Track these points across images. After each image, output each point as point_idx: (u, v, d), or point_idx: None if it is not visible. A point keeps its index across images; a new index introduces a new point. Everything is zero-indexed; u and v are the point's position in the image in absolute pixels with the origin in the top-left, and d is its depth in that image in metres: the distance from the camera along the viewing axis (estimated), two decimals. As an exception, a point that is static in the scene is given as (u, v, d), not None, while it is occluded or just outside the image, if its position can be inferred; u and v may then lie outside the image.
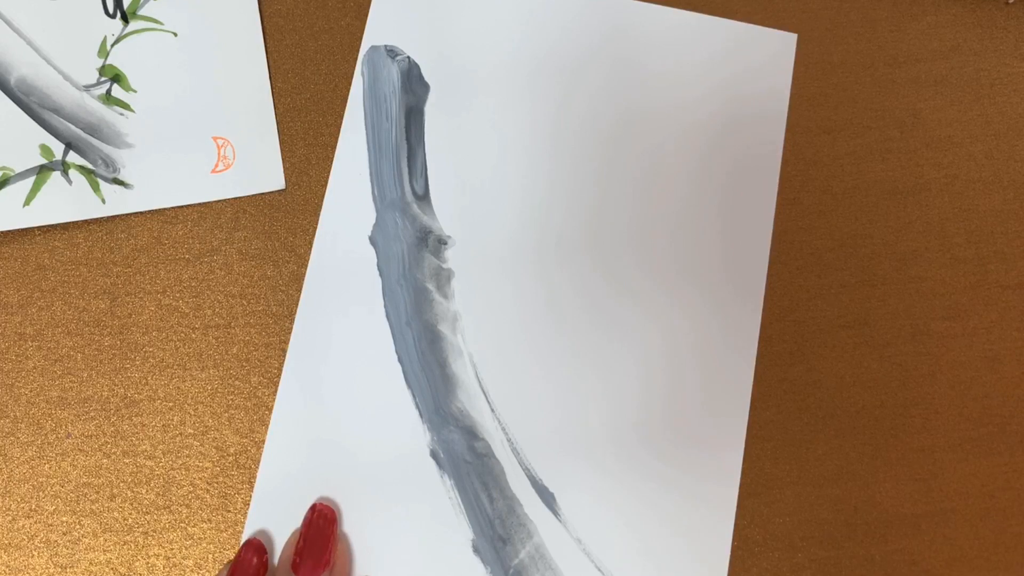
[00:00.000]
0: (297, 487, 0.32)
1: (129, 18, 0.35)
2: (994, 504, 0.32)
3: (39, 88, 0.34)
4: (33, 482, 0.32)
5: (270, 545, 0.32)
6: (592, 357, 0.33)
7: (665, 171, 0.34)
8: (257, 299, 0.34)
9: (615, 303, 0.33)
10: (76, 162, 0.34)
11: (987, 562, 0.32)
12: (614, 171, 0.34)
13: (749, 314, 0.33)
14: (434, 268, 0.33)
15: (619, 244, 0.33)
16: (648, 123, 0.34)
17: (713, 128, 0.34)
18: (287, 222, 0.34)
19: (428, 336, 0.33)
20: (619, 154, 0.34)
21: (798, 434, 0.33)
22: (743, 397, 0.33)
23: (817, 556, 0.32)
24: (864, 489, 0.32)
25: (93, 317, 0.33)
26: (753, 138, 0.34)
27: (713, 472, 0.32)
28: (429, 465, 0.32)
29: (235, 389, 0.33)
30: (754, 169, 0.34)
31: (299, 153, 0.34)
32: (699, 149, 0.34)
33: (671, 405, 0.33)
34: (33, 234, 0.34)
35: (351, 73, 0.35)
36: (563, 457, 0.32)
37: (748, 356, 0.33)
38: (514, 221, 0.34)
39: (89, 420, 0.33)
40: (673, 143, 0.34)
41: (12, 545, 0.32)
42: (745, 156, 0.34)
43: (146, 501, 0.32)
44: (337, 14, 0.35)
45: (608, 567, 0.32)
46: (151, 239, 0.34)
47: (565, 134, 0.34)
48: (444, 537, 0.32)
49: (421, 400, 0.33)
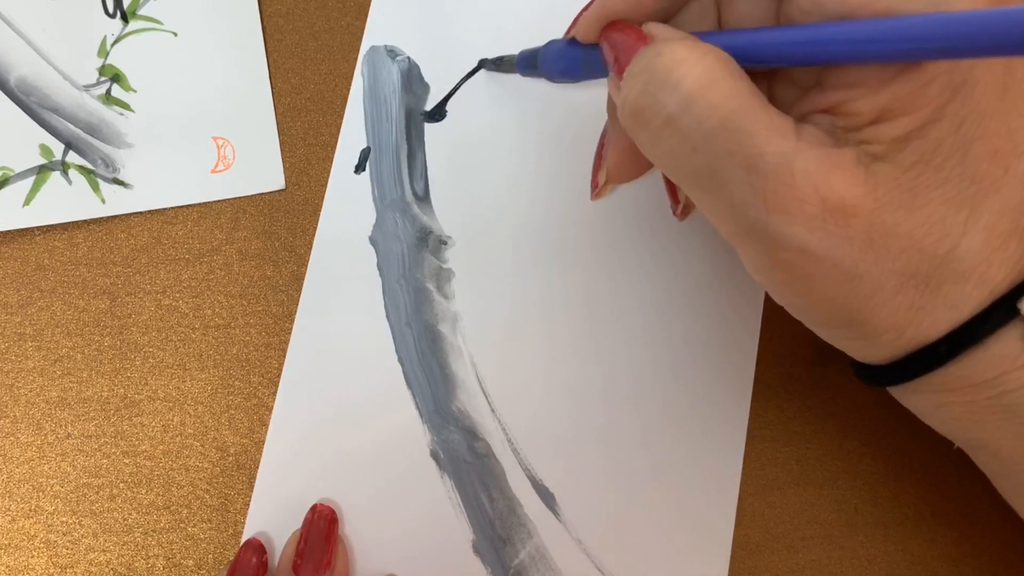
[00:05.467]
0: (297, 487, 0.32)
1: (129, 18, 0.34)
2: (994, 504, 0.32)
3: (39, 88, 0.34)
4: (33, 482, 0.32)
5: (270, 545, 0.32)
6: (592, 357, 0.33)
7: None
8: (257, 299, 0.34)
9: (615, 303, 0.33)
10: (76, 162, 0.34)
11: (988, 562, 0.32)
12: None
13: (749, 314, 0.33)
14: (434, 268, 0.33)
15: (619, 244, 0.33)
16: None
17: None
18: (287, 222, 0.34)
19: (428, 336, 0.33)
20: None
21: (798, 434, 0.33)
22: (743, 397, 0.33)
23: (817, 556, 0.32)
24: (864, 489, 0.32)
25: (93, 317, 0.33)
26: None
27: (713, 472, 0.32)
28: (429, 465, 0.32)
29: (235, 389, 0.33)
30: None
31: (299, 153, 0.34)
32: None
33: (671, 405, 0.33)
34: (33, 234, 0.34)
35: (351, 73, 0.35)
36: (563, 457, 0.32)
37: (748, 356, 0.33)
38: (514, 221, 0.34)
39: (89, 420, 0.33)
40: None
41: (12, 545, 0.32)
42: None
43: (146, 501, 0.32)
44: (337, 14, 0.35)
45: (608, 567, 0.32)
46: (151, 239, 0.34)
47: (565, 133, 0.34)
48: (444, 537, 0.32)
49: (421, 400, 0.33)
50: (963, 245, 0.21)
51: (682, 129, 0.21)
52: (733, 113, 0.21)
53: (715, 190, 0.22)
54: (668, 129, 0.22)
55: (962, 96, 0.21)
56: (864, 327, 0.23)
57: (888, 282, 0.22)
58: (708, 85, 0.21)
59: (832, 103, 0.22)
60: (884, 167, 0.21)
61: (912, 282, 0.22)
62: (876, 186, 0.21)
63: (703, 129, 0.21)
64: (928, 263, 0.21)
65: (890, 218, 0.21)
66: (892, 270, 0.21)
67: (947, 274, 0.22)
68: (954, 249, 0.21)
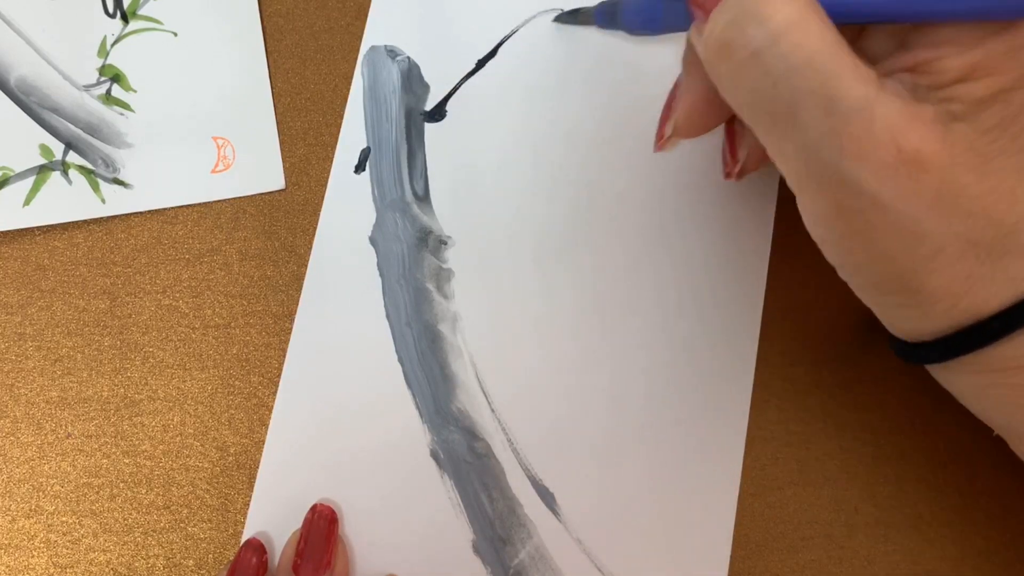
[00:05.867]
0: (297, 487, 0.32)
1: (129, 18, 0.35)
2: (995, 504, 0.32)
3: (39, 88, 0.34)
4: (33, 482, 0.32)
5: (270, 545, 0.32)
6: (592, 357, 0.33)
7: (665, 170, 0.34)
8: (257, 299, 0.34)
9: (615, 303, 0.33)
10: (76, 162, 0.34)
11: (989, 562, 0.32)
12: (615, 170, 0.34)
13: (749, 314, 0.33)
14: (434, 268, 0.33)
15: (620, 244, 0.33)
16: (649, 121, 0.34)
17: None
18: (287, 222, 0.34)
19: (428, 336, 0.33)
20: (620, 153, 0.34)
21: (798, 434, 0.33)
22: (743, 397, 0.33)
23: (817, 556, 0.32)
24: (864, 489, 0.32)
25: (93, 317, 0.33)
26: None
27: (713, 472, 0.32)
28: (429, 465, 0.32)
29: (235, 389, 0.33)
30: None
31: (299, 153, 0.34)
32: (701, 147, 0.34)
33: (671, 405, 0.33)
34: (33, 234, 0.34)
35: (351, 73, 0.35)
36: (563, 457, 0.32)
37: (748, 356, 0.33)
38: (514, 221, 0.34)
39: (89, 420, 0.33)
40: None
41: (12, 545, 0.32)
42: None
43: (146, 501, 0.32)
44: (337, 14, 0.35)
45: (608, 567, 0.32)
46: (151, 239, 0.34)
47: (566, 134, 0.34)
48: (444, 537, 0.32)
49: (421, 400, 0.33)
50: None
51: (766, 63, 0.21)
52: (818, 53, 0.21)
53: (791, 129, 0.22)
54: (752, 62, 0.21)
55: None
56: (919, 293, 0.22)
57: (950, 245, 0.21)
58: (796, 24, 0.21)
59: (918, 61, 0.21)
60: (962, 127, 0.21)
61: (974, 250, 0.21)
62: (952, 144, 0.21)
63: (788, 64, 0.21)
64: (993, 231, 0.21)
65: (962, 179, 0.21)
66: (956, 233, 0.21)
67: (1010, 245, 0.21)
68: (1021, 220, 0.21)
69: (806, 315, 0.33)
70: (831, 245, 0.24)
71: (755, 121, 0.23)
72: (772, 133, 0.23)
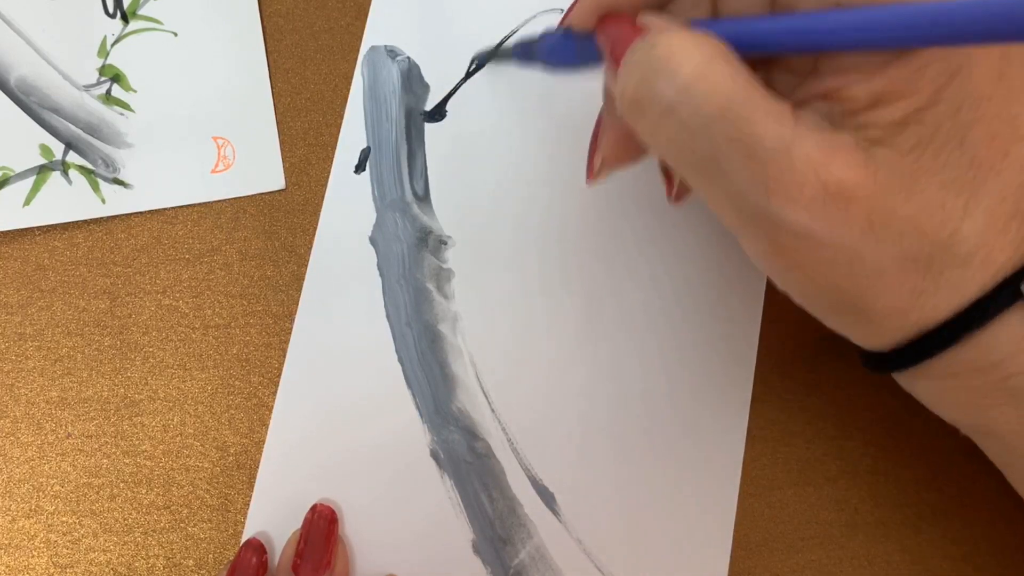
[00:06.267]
0: (297, 487, 0.32)
1: (129, 18, 0.35)
2: (995, 504, 0.32)
3: (39, 88, 0.34)
4: (33, 482, 0.32)
5: (270, 545, 0.32)
6: (592, 357, 0.33)
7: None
8: (257, 299, 0.34)
9: (615, 303, 0.33)
10: (76, 162, 0.34)
11: (988, 562, 0.32)
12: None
13: (749, 314, 0.33)
14: (434, 268, 0.33)
15: (619, 244, 0.33)
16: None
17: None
18: (287, 222, 0.34)
19: (428, 336, 0.33)
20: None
21: (798, 434, 0.33)
22: (743, 397, 0.33)
23: (817, 556, 0.32)
24: (864, 489, 0.32)
25: (93, 317, 0.33)
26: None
27: (713, 472, 0.32)
28: (429, 465, 0.32)
29: (235, 389, 0.33)
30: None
31: (299, 153, 0.34)
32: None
33: (671, 405, 0.33)
34: (33, 234, 0.34)
35: (351, 73, 0.35)
36: (563, 457, 0.32)
37: (748, 356, 0.33)
38: (514, 221, 0.34)
39: (89, 420, 0.33)
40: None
41: (12, 545, 0.32)
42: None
43: (146, 501, 0.32)
44: (337, 14, 0.35)
45: (608, 567, 0.32)
46: (151, 239, 0.34)
47: (566, 133, 0.34)
48: (444, 537, 0.32)
49: (421, 400, 0.33)
50: (964, 229, 0.21)
51: (681, 118, 0.21)
52: (731, 100, 0.21)
53: (715, 177, 0.22)
54: (667, 118, 0.22)
55: (959, 80, 0.21)
56: (867, 312, 0.23)
57: (890, 266, 0.22)
58: (705, 73, 0.21)
59: (829, 89, 0.22)
60: (883, 152, 0.21)
61: (914, 266, 0.22)
62: (876, 170, 0.21)
63: (701, 117, 0.21)
64: (929, 247, 0.21)
65: (890, 202, 0.21)
66: (893, 254, 0.21)
67: (949, 258, 0.22)
68: (955, 233, 0.21)
69: (806, 315, 0.33)
70: (776, 279, 0.24)
71: (679, 169, 0.23)
72: (698, 181, 0.23)
